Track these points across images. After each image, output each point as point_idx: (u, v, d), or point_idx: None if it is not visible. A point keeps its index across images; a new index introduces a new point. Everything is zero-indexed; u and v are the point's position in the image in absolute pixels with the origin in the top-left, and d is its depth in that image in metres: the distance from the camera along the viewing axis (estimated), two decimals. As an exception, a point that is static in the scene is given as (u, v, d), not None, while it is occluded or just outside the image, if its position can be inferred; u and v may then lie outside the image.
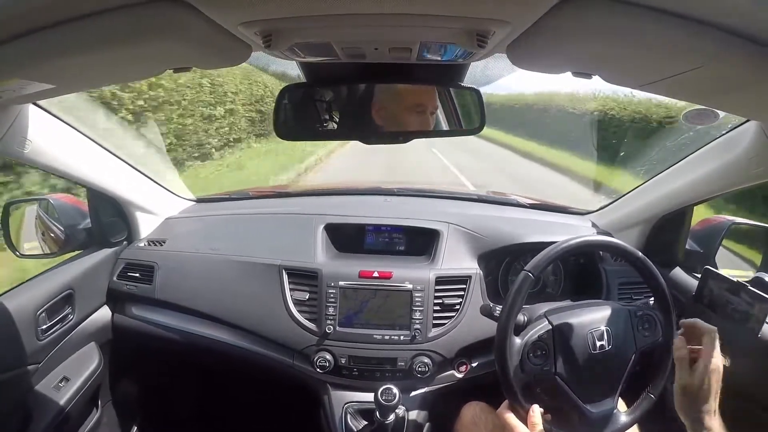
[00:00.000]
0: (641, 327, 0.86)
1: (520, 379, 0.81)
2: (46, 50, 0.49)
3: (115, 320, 1.19)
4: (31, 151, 0.83)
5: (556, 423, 0.81)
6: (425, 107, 0.90)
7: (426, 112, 0.91)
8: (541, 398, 0.85)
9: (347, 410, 1.02)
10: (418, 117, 0.91)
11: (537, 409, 0.79)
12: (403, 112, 0.91)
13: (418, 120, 0.91)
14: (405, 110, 0.91)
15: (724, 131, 0.88)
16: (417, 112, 0.91)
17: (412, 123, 0.92)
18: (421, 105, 0.90)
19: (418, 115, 0.91)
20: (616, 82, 0.61)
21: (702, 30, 0.42)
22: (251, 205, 1.45)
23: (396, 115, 0.90)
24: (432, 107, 0.91)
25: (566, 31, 0.46)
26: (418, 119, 0.91)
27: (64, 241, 1.11)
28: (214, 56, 0.59)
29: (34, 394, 0.96)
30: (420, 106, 0.90)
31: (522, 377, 0.81)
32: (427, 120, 0.91)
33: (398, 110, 0.90)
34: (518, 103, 14.98)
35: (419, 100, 0.90)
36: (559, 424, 0.81)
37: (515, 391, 0.80)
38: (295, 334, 1.07)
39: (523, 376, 0.81)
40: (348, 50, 0.62)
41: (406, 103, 0.90)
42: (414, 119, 0.91)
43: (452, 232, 1.18)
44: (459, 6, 0.45)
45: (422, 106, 0.90)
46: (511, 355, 0.80)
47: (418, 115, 0.91)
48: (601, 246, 0.98)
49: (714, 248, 1.07)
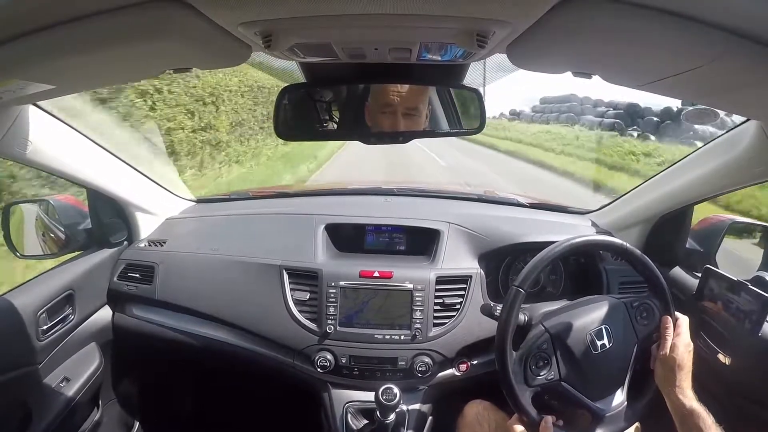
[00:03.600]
0: (639, 317, 0.86)
1: (526, 392, 0.80)
2: (46, 51, 0.49)
3: (116, 320, 1.19)
4: (31, 152, 0.83)
5: (569, 426, 0.81)
6: (394, 108, 0.87)
7: (396, 113, 0.87)
8: (550, 404, 0.85)
9: (348, 410, 1.02)
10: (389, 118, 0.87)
11: (549, 420, 0.79)
12: (377, 113, 0.89)
13: (389, 121, 0.88)
14: (378, 111, 0.89)
15: (724, 131, 0.88)
16: (387, 113, 0.88)
17: (384, 124, 0.88)
18: (388, 105, 0.87)
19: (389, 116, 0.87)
20: (616, 82, 0.61)
21: (702, 30, 0.42)
22: (251, 206, 1.45)
23: (374, 115, 0.89)
24: (404, 108, 0.87)
25: (566, 31, 0.46)
26: (389, 120, 0.88)
27: (65, 241, 1.11)
28: (214, 56, 0.59)
29: (35, 394, 0.96)
30: (388, 106, 0.87)
31: (528, 390, 0.81)
32: (397, 121, 0.87)
33: (375, 111, 0.89)
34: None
35: (386, 101, 0.87)
36: (573, 426, 0.81)
37: (524, 407, 0.79)
38: (296, 334, 1.07)
39: (529, 389, 0.81)
40: (348, 50, 0.62)
41: (379, 103, 0.88)
42: (385, 120, 0.88)
43: (452, 232, 1.18)
44: (459, 6, 0.45)
45: (390, 106, 0.87)
46: (514, 372, 0.80)
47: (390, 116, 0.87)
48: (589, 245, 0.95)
49: (714, 247, 1.07)
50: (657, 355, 0.82)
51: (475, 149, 13.95)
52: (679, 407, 0.75)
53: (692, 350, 0.80)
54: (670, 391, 0.77)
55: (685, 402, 0.75)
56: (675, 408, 0.76)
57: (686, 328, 0.83)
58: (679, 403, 0.75)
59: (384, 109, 0.88)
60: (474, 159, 11.60)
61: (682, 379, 0.77)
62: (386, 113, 0.88)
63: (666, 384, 0.78)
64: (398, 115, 0.88)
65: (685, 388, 0.77)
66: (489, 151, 14.04)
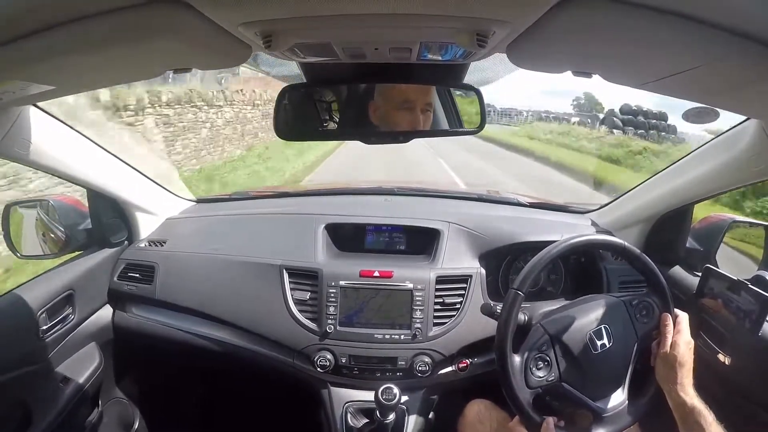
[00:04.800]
0: (639, 315, 0.86)
1: (527, 394, 0.80)
2: (46, 51, 0.49)
3: (116, 320, 1.19)
4: (31, 153, 0.83)
5: (570, 426, 0.81)
6: (413, 104, 0.88)
7: (415, 109, 0.89)
8: (550, 405, 0.85)
9: (348, 409, 1.02)
10: (408, 114, 0.89)
11: (551, 422, 0.79)
12: (392, 111, 0.89)
13: (409, 118, 0.89)
14: (394, 109, 0.89)
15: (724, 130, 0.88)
16: (405, 109, 0.89)
17: (402, 122, 0.90)
18: (408, 101, 0.88)
19: (408, 113, 0.89)
20: (616, 81, 0.61)
21: (702, 30, 0.42)
22: (251, 206, 1.45)
23: (387, 114, 0.89)
24: (423, 104, 0.89)
25: (566, 31, 0.46)
26: (408, 117, 0.89)
27: (65, 241, 1.11)
28: (214, 57, 0.59)
29: (35, 394, 0.96)
30: (407, 102, 0.88)
31: (529, 392, 0.81)
32: (417, 118, 0.89)
33: (389, 109, 0.89)
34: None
35: (406, 97, 0.88)
36: (574, 426, 0.81)
37: (525, 409, 0.79)
38: (296, 333, 1.07)
39: (530, 390, 0.81)
40: (348, 50, 0.62)
41: (395, 101, 0.89)
42: (404, 117, 0.89)
43: (453, 232, 1.18)
44: (459, 6, 0.45)
45: (410, 102, 0.88)
46: (514, 374, 0.80)
47: (408, 112, 0.89)
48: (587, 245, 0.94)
49: (714, 246, 1.07)
50: (657, 352, 0.82)
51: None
52: (680, 405, 0.75)
53: (693, 347, 0.80)
54: (671, 388, 0.77)
55: (686, 399, 0.74)
56: (676, 405, 0.76)
57: (686, 325, 0.82)
58: (680, 401, 0.75)
59: (404, 105, 0.89)
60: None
61: (683, 376, 0.77)
62: (405, 110, 0.89)
63: (667, 381, 0.78)
64: (417, 111, 0.89)
65: (686, 385, 0.76)
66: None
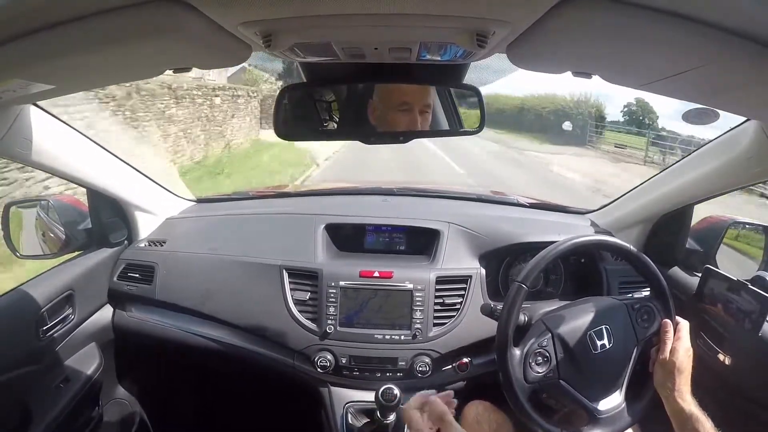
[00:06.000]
0: (640, 319, 0.86)
1: (525, 388, 0.80)
2: (46, 51, 0.48)
3: (116, 320, 1.19)
4: (31, 152, 0.83)
5: (565, 424, 0.81)
6: (411, 106, 0.88)
7: (413, 111, 0.88)
8: (548, 403, 0.85)
9: (348, 410, 1.02)
10: (406, 116, 0.88)
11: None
12: (390, 112, 0.89)
13: (407, 119, 0.88)
14: (392, 110, 0.89)
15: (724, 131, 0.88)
16: (403, 111, 0.88)
17: (400, 123, 0.89)
18: (405, 103, 0.88)
19: (406, 114, 0.88)
20: (616, 82, 0.61)
21: (702, 30, 0.42)
22: (251, 206, 1.45)
23: (385, 115, 0.89)
24: (421, 106, 0.89)
25: (566, 31, 0.46)
26: (406, 118, 0.88)
27: (65, 241, 1.10)
28: (214, 56, 0.59)
29: (35, 394, 0.96)
30: (405, 104, 0.88)
31: (527, 387, 0.81)
32: (415, 119, 0.88)
33: (386, 110, 0.89)
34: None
35: (404, 99, 0.88)
36: (569, 425, 0.81)
37: (522, 403, 0.79)
38: (296, 334, 1.07)
39: (528, 385, 0.81)
40: (348, 50, 0.61)
41: (393, 102, 0.88)
42: (402, 118, 0.89)
43: (452, 232, 1.18)
44: (459, 6, 0.45)
45: (407, 104, 0.88)
46: (513, 367, 0.80)
47: (406, 113, 0.88)
48: (593, 245, 0.97)
49: (714, 247, 1.07)
50: (656, 358, 0.82)
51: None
52: (678, 411, 0.75)
53: (692, 355, 0.80)
54: (669, 395, 0.77)
55: (684, 406, 0.74)
56: (674, 412, 0.76)
57: (687, 332, 0.82)
58: (678, 408, 0.75)
59: (402, 107, 0.88)
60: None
61: (681, 383, 0.77)
62: (404, 111, 0.88)
63: (665, 388, 0.78)
64: (416, 112, 0.88)
65: (684, 392, 0.76)
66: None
